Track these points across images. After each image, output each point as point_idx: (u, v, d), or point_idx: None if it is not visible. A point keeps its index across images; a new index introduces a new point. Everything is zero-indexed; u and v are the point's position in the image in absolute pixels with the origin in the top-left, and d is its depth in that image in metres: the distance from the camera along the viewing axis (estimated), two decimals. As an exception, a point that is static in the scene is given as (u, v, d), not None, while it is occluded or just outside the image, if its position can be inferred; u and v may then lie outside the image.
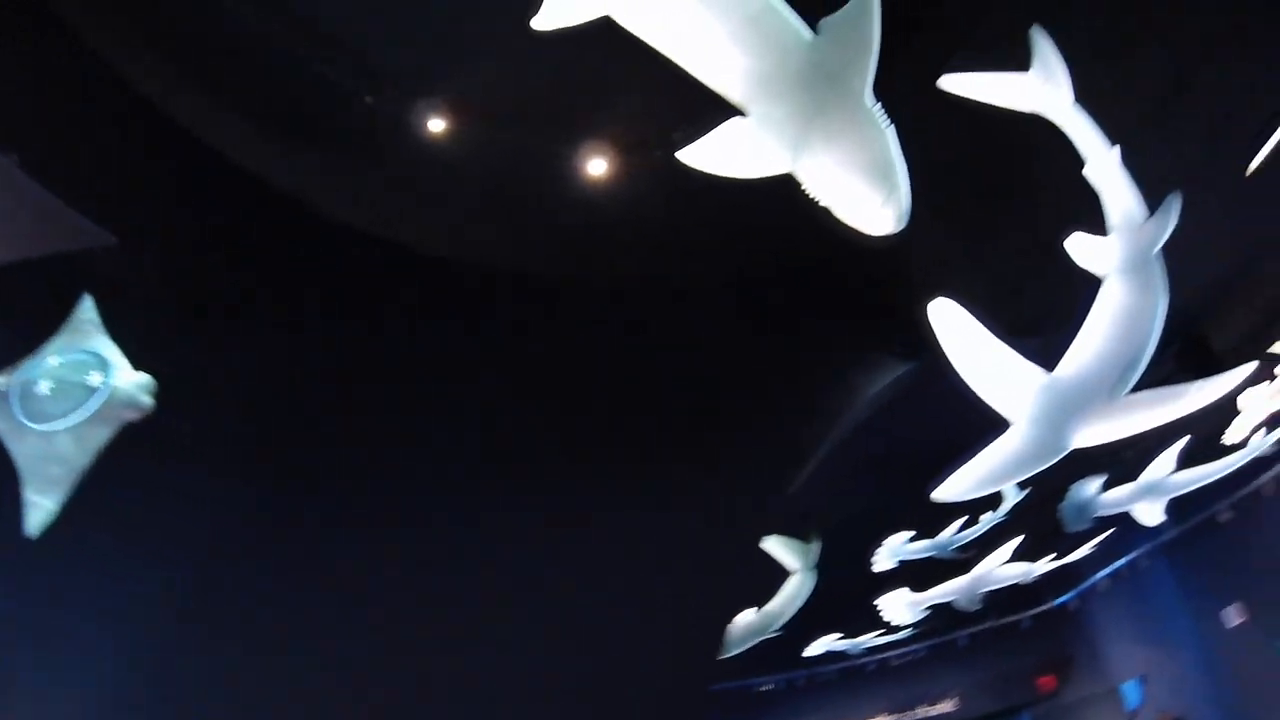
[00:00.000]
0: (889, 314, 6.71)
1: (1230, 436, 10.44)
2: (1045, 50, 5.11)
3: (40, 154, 4.08)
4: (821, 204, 4.14)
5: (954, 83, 5.00)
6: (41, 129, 4.59)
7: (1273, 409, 10.27)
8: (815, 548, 9.43)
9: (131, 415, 4.57)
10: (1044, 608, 15.14)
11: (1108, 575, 14.43)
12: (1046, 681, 15.18)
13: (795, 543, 9.30)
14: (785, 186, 4.15)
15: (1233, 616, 12.92)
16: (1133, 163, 5.43)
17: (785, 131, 3.98)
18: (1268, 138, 6.45)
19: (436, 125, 5.02)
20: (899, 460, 9.04)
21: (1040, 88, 5.16)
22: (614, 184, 5.26)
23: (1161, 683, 13.70)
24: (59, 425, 4.35)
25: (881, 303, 6.89)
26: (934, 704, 15.62)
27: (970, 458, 6.25)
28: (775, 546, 9.17)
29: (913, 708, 15.69)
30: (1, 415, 4.33)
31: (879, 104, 3.99)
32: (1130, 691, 14.20)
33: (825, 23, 3.90)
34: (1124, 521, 10.55)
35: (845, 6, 3.87)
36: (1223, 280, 8.82)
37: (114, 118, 5.02)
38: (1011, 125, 5.28)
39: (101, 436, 4.51)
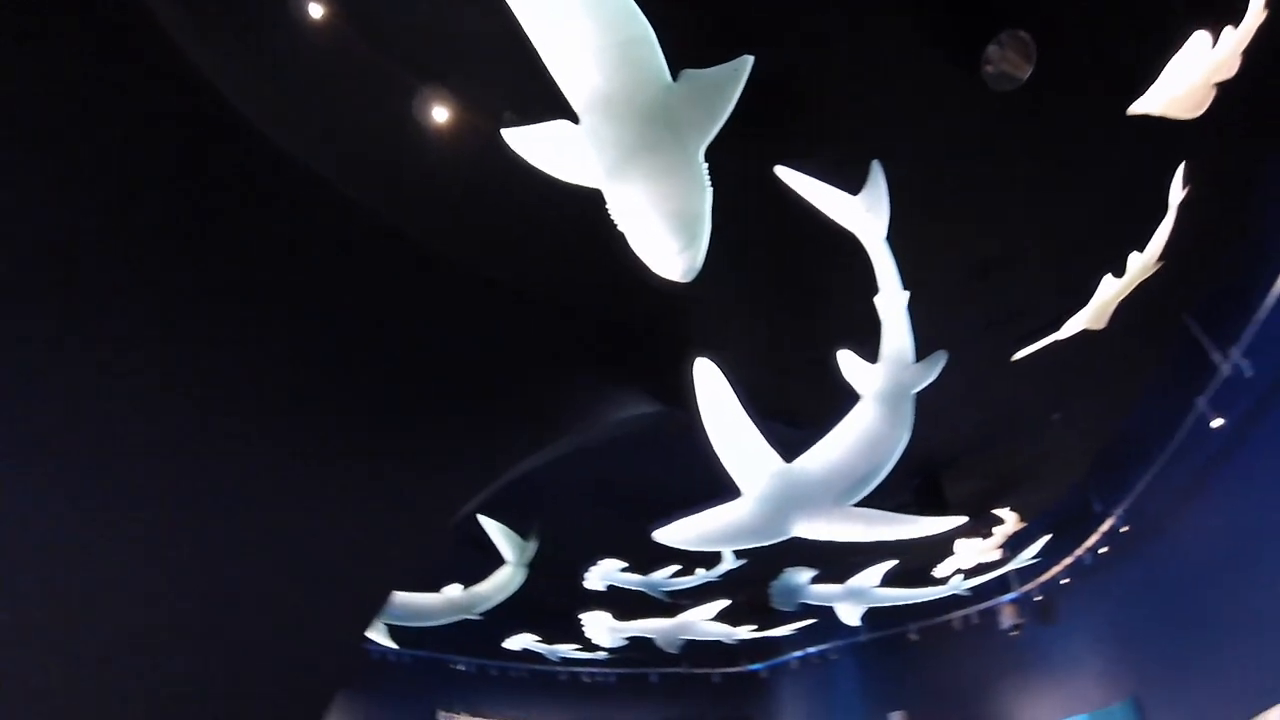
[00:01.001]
0: (658, 355, 6.77)
1: (937, 571, 11.47)
2: (878, 183, 5.38)
3: None
4: (620, 229, 4.00)
5: (788, 175, 5.15)
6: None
7: (979, 560, 11.38)
8: (531, 546, 9.38)
9: None
10: (737, 669, 15.94)
11: (800, 657, 15.50)
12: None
13: (513, 536, 9.21)
14: (594, 201, 3.98)
15: None
16: (921, 311, 5.80)
17: (606, 151, 3.86)
18: (1038, 339, 7.08)
19: (316, 11, 4.50)
20: (630, 491, 9.23)
21: (862, 213, 5.43)
22: (446, 136, 4.94)
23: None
24: None
25: (654, 343, 6.94)
26: None
27: (697, 512, 6.36)
28: (496, 534, 9.09)
29: None
30: None
31: (709, 165, 3.95)
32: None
33: (687, 74, 3.84)
34: (825, 614, 11.26)
35: (714, 69, 3.84)
36: (969, 441, 9.66)
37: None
38: (826, 232, 5.47)
39: None
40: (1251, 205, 7.52)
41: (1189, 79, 4.96)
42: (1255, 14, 4.80)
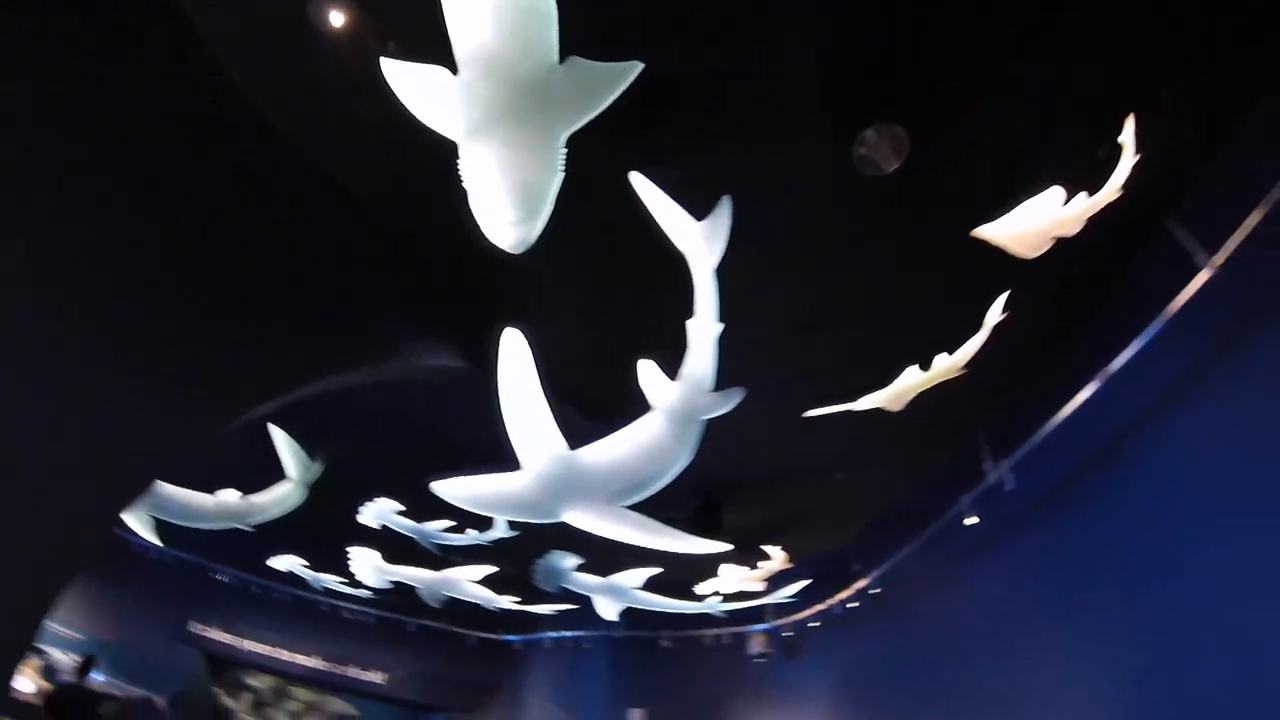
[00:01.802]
0: (478, 314, 6.84)
1: (699, 588, 12.14)
2: (723, 217, 5.57)
3: None
4: (465, 186, 4.09)
5: (640, 182, 5.25)
6: None
7: (741, 588, 12.15)
8: (317, 467, 9.16)
9: None
10: (494, 636, 16.13)
11: (556, 638, 15.93)
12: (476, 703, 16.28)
13: (301, 453, 8.97)
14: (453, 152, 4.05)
15: (636, 718, 15.06)
16: (733, 345, 6.00)
17: (474, 109, 3.93)
18: (834, 404, 7.56)
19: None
20: (423, 439, 9.26)
21: (699, 240, 5.61)
22: (336, 43, 4.81)
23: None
24: None
25: (479, 301, 7.03)
26: (364, 670, 15.98)
27: (479, 473, 6.47)
28: (284, 448, 8.86)
29: (344, 664, 15.87)
30: None
31: (567, 151, 4.10)
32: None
33: (575, 61, 3.93)
34: (585, 603, 11.62)
35: (602, 64, 3.97)
36: (759, 477, 10.37)
37: None
38: (666, 246, 5.63)
39: None
40: (1057, 347, 8.43)
41: (1033, 224, 5.43)
42: (1110, 191, 5.40)
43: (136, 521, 9.84)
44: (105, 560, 12.70)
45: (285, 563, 13.09)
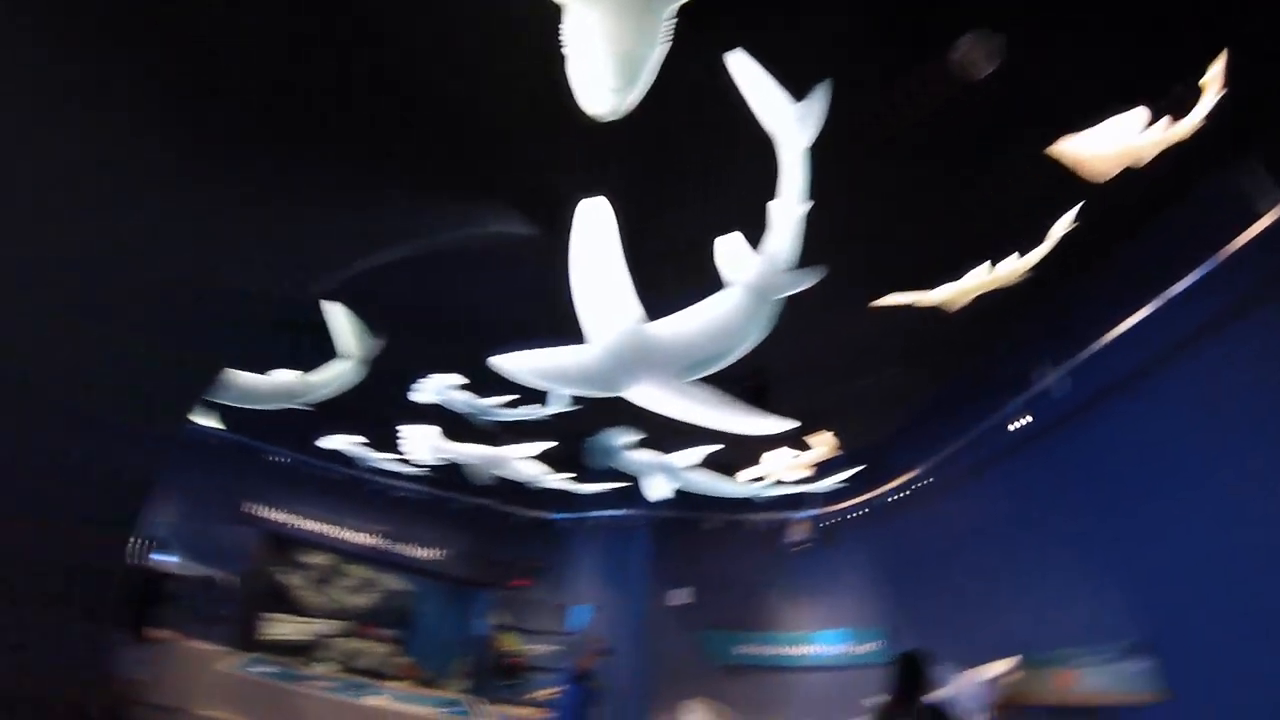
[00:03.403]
0: (550, 181, 6.70)
1: (745, 473, 12.14)
2: (820, 101, 5.49)
3: None
4: (565, 52, 4.06)
5: (736, 63, 5.23)
6: None
7: (787, 474, 12.13)
8: (376, 343, 9.00)
9: None
10: (540, 514, 16.41)
11: (599, 517, 16.19)
12: (523, 581, 16.64)
13: (357, 328, 8.77)
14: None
15: (678, 597, 15.41)
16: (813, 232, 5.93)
17: None
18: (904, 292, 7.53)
19: None
20: (465, 313, 9.20)
21: (793, 120, 5.54)
22: None
23: (607, 619, 15.71)
24: None
25: (552, 169, 6.85)
26: (418, 547, 16.11)
27: (542, 346, 6.39)
28: (339, 323, 8.67)
29: (398, 542, 15.83)
30: None
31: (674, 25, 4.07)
32: (580, 614, 16.16)
33: None
34: (634, 483, 11.70)
35: None
36: (812, 362, 10.27)
37: None
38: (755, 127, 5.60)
39: None
40: (1108, 270, 8.28)
41: (1109, 147, 5.50)
42: (1192, 121, 5.35)
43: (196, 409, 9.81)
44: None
45: (335, 442, 13.08)
